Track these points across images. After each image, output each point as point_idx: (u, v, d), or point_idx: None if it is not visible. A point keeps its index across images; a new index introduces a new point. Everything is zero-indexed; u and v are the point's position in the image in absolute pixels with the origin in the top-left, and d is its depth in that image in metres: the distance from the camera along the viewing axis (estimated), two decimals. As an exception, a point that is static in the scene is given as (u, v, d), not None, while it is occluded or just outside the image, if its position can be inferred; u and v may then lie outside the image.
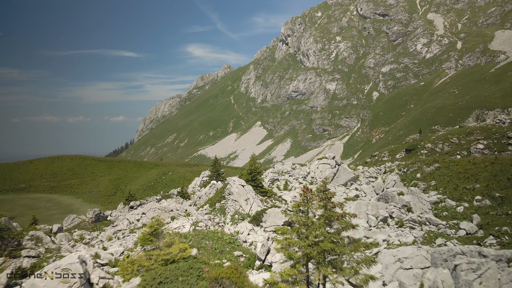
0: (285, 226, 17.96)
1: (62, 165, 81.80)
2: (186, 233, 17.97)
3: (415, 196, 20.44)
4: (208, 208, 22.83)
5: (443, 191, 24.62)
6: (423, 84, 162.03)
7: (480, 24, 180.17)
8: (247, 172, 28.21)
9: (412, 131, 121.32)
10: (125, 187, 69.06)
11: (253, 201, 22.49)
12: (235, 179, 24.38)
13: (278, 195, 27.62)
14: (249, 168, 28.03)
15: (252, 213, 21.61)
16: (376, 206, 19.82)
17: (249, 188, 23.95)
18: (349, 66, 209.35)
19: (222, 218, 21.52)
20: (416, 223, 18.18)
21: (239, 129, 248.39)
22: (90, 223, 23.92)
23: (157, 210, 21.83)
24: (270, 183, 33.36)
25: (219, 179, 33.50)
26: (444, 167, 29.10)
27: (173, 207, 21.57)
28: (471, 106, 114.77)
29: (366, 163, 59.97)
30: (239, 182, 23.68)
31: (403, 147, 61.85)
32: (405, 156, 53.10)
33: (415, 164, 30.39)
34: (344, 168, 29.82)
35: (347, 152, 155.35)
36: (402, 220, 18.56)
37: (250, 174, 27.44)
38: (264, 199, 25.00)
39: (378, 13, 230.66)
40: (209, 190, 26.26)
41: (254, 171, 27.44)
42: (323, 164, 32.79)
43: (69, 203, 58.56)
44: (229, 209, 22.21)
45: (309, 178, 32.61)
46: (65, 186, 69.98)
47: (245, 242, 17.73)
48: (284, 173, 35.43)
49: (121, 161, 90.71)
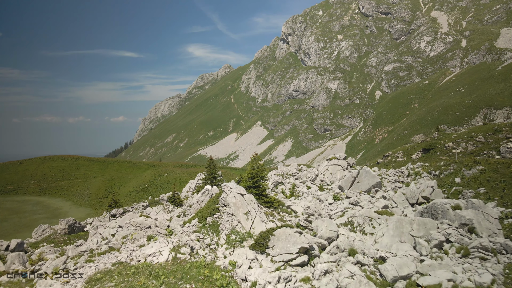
0: (301, 255, 13.90)
1: (53, 165, 78.31)
2: (162, 264, 13.62)
3: (479, 212, 14.78)
4: (197, 223, 18.18)
5: (502, 202, 19.90)
6: (427, 83, 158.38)
7: (485, 22, 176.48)
8: (247, 176, 23.44)
9: (417, 131, 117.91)
10: (118, 189, 65.67)
11: (255, 215, 18.07)
12: (232, 185, 20.01)
13: (286, 205, 23.18)
14: (250, 172, 23.23)
15: (254, 232, 17.05)
16: (423, 224, 14.90)
17: (250, 197, 19.39)
18: (351, 65, 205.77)
19: (215, 238, 16.83)
20: (489, 252, 12.82)
21: (239, 129, 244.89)
22: (62, 236, 20.42)
23: (130, 227, 17.53)
24: (273, 187, 29.58)
25: (214, 183, 29.53)
26: (491, 170, 24.33)
27: (151, 222, 17.57)
28: (479, 104, 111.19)
29: (378, 164, 55.84)
30: (237, 190, 19.22)
31: (420, 146, 57.28)
32: (422, 157, 48.66)
33: (450, 166, 25.47)
34: (367, 171, 24.44)
35: (349, 152, 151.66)
36: (466, 247, 13.15)
37: (251, 179, 22.72)
38: (270, 212, 20.20)
39: (380, 11, 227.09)
40: (201, 198, 21.98)
41: (256, 175, 22.80)
42: (333, 165, 29.33)
43: (58, 207, 55.19)
44: (224, 225, 17.59)
45: (318, 181, 29.11)
46: (55, 188, 66.55)
47: (244, 281, 12.95)
48: (289, 176, 31.83)
49: (115, 161, 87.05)
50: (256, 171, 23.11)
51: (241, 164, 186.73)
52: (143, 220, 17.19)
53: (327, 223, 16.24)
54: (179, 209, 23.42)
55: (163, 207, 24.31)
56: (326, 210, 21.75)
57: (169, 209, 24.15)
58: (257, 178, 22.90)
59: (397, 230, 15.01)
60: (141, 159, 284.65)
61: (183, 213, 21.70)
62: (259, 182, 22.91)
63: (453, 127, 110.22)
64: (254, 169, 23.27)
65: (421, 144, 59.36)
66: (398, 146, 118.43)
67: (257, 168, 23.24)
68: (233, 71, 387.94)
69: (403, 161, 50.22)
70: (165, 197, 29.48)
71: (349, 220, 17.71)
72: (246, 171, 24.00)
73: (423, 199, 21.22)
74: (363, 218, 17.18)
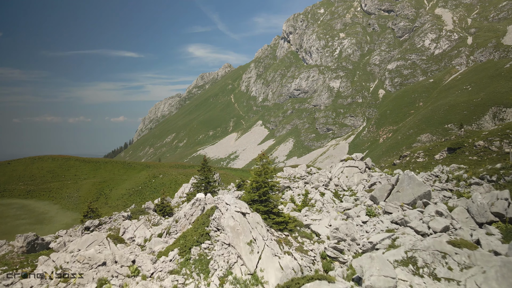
0: None
1: (43, 166, 74.31)
2: None
3: None
4: (177, 256, 12.70)
5: None
6: (432, 81, 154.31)
7: (491, 19, 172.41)
8: (251, 185, 17.21)
9: (424, 130, 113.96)
10: (110, 191, 61.85)
11: (263, 246, 12.47)
12: (230, 199, 14.61)
13: (304, 224, 17.33)
14: (255, 179, 16.79)
15: (264, 277, 11.58)
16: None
17: (255, 218, 13.72)
18: (354, 63, 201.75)
19: (202, 284, 11.33)
20: None
21: (240, 128, 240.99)
22: (19, 255, 16.61)
23: (77, 263, 11.80)
24: (279, 193, 25.02)
25: (209, 189, 25.00)
26: None
27: (107, 256, 12.09)
28: (487, 103, 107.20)
29: (395, 166, 51.26)
30: (236, 207, 13.68)
31: (444, 145, 51.10)
32: (447, 157, 43.69)
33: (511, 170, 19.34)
34: (411, 177, 18.29)
35: (352, 152, 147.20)
36: None
37: (257, 190, 16.56)
38: (283, 238, 14.32)
39: (383, 9, 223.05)
40: (190, 210, 16.51)
41: (264, 185, 16.41)
42: (349, 167, 25.21)
43: (44, 211, 51.47)
44: (216, 262, 12.15)
45: (332, 186, 24.55)
46: (43, 190, 62.66)
47: None
48: (298, 179, 27.42)
49: (108, 162, 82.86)
50: (264, 178, 16.42)
51: (242, 165, 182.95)
52: (94, 254, 12.07)
53: (379, 263, 10.36)
54: (166, 222, 19.22)
55: (148, 218, 20.32)
56: (360, 231, 16.45)
57: (154, 220, 20.13)
58: (266, 189, 16.32)
59: (506, 282, 8.89)
60: (140, 159, 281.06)
61: (167, 230, 16.87)
62: (267, 194, 16.48)
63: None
64: (261, 175, 16.61)
65: (444, 143, 52.95)
66: (404, 146, 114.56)
67: (265, 174, 16.62)
68: (234, 70, 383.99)
69: (424, 162, 45.55)
70: (151, 205, 25.15)
71: (409, 256, 11.27)
72: (249, 179, 17.85)
73: (495, 216, 14.93)
74: (432, 254, 10.79)
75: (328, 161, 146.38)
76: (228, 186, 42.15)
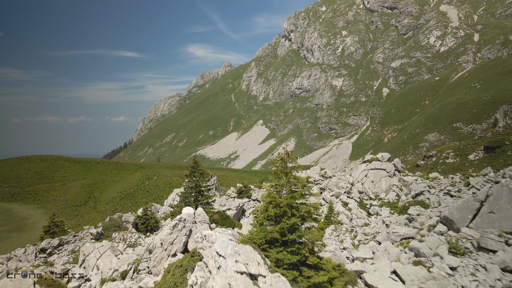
0: None
1: (30, 167, 69.95)
2: None
3: None
4: None
5: None
6: (438, 79, 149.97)
7: (498, 15, 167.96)
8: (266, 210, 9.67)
9: (431, 129, 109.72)
10: (100, 194, 57.63)
11: None
12: (225, 246, 7.50)
13: (349, 268, 10.69)
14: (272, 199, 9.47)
15: None
16: None
17: (278, 285, 6.98)
18: (357, 61, 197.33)
19: None
20: None
21: (240, 128, 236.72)
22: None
23: None
24: (316, 226, 19.01)
25: (201, 200, 18.86)
26: None
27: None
28: (498, 101, 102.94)
29: (418, 167, 46.39)
30: (237, 262, 7.16)
31: (478, 143, 44.66)
32: (484, 157, 38.27)
33: None
34: None
35: (356, 152, 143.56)
36: None
37: (277, 222, 9.56)
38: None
39: (386, 6, 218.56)
40: (170, 236, 11.69)
41: (290, 211, 9.37)
42: (375, 169, 20.45)
43: (26, 216, 47.41)
44: None
45: (356, 193, 19.83)
46: (29, 193, 58.39)
47: None
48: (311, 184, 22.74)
49: (100, 162, 78.15)
50: (289, 199, 9.32)
51: (242, 165, 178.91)
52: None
53: None
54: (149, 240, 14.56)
55: (123, 236, 15.95)
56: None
57: (131, 240, 15.75)
58: (294, 220, 9.13)
59: None
60: (139, 159, 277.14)
61: (136, 264, 11.91)
62: (297, 230, 9.35)
63: (470, 125, 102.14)
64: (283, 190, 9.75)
65: (479, 141, 46.09)
66: (410, 145, 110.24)
67: (292, 191, 9.65)
68: (234, 69, 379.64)
69: (456, 163, 40.46)
70: (131, 217, 20.45)
71: None
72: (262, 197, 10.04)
73: None
74: None
75: (331, 161, 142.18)
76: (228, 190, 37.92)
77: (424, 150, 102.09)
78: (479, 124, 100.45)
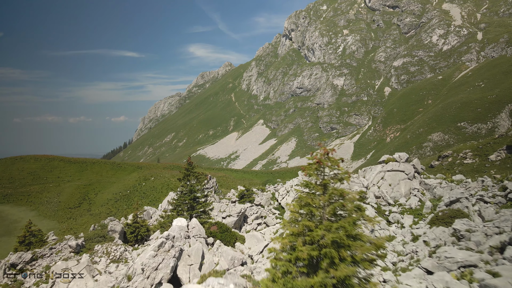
0: None
1: (24, 167, 67.93)
2: None
3: None
4: None
5: None
6: (441, 78, 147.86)
7: (502, 14, 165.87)
8: (292, 246, 6.22)
9: (435, 129, 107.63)
10: (95, 196, 55.69)
11: None
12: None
13: None
14: (304, 229, 6.13)
15: None
16: None
17: None
18: (358, 60, 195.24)
19: None
20: None
21: (241, 127, 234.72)
22: None
23: None
24: None
25: (197, 208, 16.41)
26: None
27: None
28: (503, 100, 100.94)
29: (432, 168, 43.91)
30: None
31: (499, 142, 41.22)
32: (508, 157, 35.24)
33: None
34: None
35: (358, 152, 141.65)
36: None
37: (313, 269, 5.81)
38: None
39: (388, 4, 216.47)
40: (153, 260, 9.47)
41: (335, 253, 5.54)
42: (392, 171, 18.52)
43: (17, 218, 45.50)
44: None
45: (372, 197, 17.52)
46: (22, 194, 56.42)
47: None
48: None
49: (96, 162, 76.07)
50: (335, 235, 5.75)
51: (243, 165, 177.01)
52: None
53: None
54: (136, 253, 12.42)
55: (106, 249, 13.91)
56: None
57: (116, 253, 13.73)
58: (351, 270, 5.53)
59: None
60: (139, 159, 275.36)
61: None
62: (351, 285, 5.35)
63: (475, 124, 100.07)
64: (323, 221, 6.11)
65: (500, 140, 42.61)
66: (414, 145, 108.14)
67: (339, 218, 6.04)
68: (234, 69, 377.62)
69: (475, 164, 37.88)
70: (118, 226, 18.22)
71: None
72: (285, 224, 6.65)
73: None
74: None
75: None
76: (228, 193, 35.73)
77: (428, 150, 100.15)
78: (484, 123, 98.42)
